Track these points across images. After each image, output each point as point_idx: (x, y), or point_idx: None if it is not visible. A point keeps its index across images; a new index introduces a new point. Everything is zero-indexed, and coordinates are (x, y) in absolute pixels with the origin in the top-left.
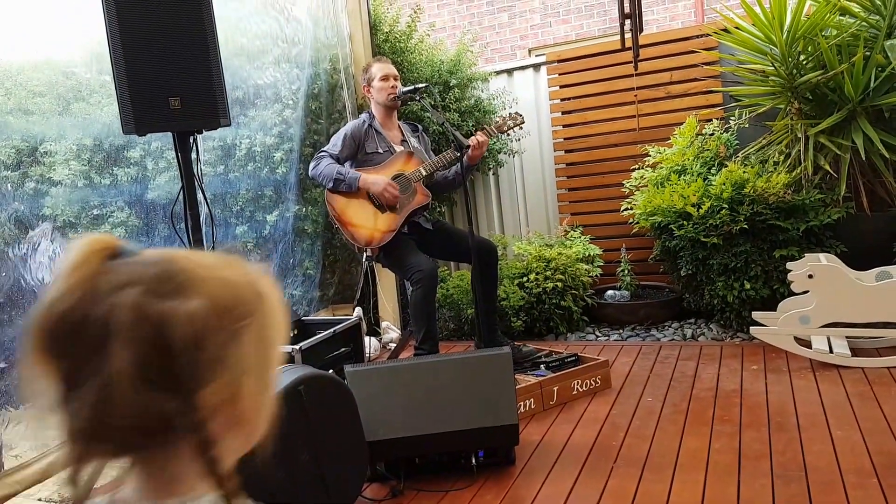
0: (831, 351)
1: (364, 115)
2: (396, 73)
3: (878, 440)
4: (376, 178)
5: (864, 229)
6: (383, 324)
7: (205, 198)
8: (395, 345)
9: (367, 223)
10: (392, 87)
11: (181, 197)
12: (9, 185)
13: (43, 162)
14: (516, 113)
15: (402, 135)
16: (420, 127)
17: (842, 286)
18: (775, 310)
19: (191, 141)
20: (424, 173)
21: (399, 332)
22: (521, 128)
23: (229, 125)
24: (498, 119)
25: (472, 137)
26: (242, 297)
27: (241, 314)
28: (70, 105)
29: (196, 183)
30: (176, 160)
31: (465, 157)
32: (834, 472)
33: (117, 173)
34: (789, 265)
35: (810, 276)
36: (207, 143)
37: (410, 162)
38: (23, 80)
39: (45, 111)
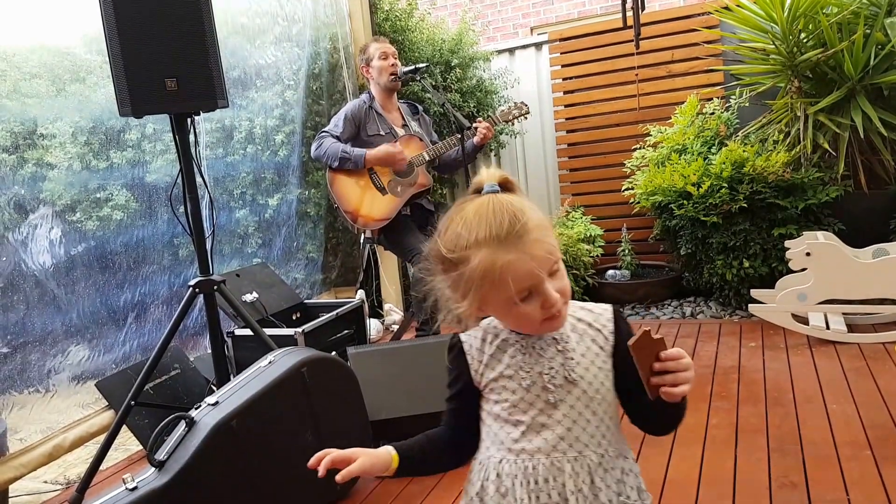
0: (828, 327)
1: (364, 96)
2: (395, 52)
3: (873, 414)
4: (382, 149)
5: (861, 207)
6: (386, 306)
7: (204, 181)
8: (397, 327)
9: (367, 205)
10: (392, 65)
11: (180, 180)
12: (7, 168)
13: (40, 145)
14: (522, 102)
15: (403, 117)
16: (420, 108)
17: (839, 263)
18: (774, 287)
19: (188, 123)
20: (427, 158)
21: (402, 314)
22: (526, 118)
23: (227, 106)
24: (504, 108)
25: (476, 122)
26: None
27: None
28: (66, 87)
29: (195, 166)
30: (174, 143)
31: (465, 138)
32: (829, 446)
33: (116, 156)
34: (787, 243)
35: (808, 254)
36: (206, 125)
37: (413, 146)
38: (18, 62)
39: (41, 94)
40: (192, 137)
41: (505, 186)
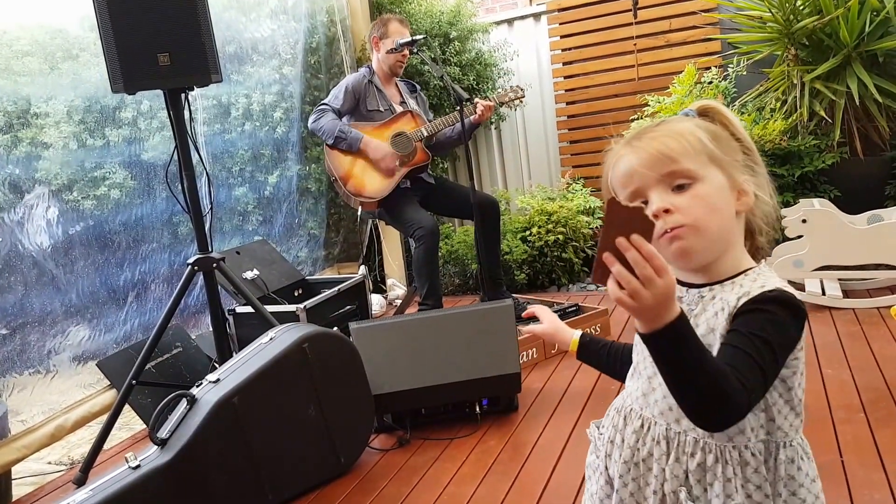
0: (824, 293)
1: (364, 70)
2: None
3: (867, 377)
4: (378, 145)
5: (857, 174)
6: (389, 281)
7: (201, 158)
8: (400, 301)
9: (363, 178)
10: (403, 55)
11: (176, 157)
12: (1, 148)
13: (34, 124)
14: (517, 86)
15: (401, 94)
16: (418, 87)
17: (834, 230)
18: (770, 255)
19: (183, 98)
20: (426, 134)
21: (404, 288)
22: (521, 101)
23: (221, 81)
24: (500, 91)
25: (477, 100)
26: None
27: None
28: (59, 64)
29: (191, 142)
30: (168, 119)
31: (464, 111)
32: (824, 409)
33: (112, 134)
34: (784, 211)
35: (804, 221)
36: (203, 101)
37: (412, 121)
38: (8, 40)
39: (33, 72)
40: (187, 114)
41: (707, 115)
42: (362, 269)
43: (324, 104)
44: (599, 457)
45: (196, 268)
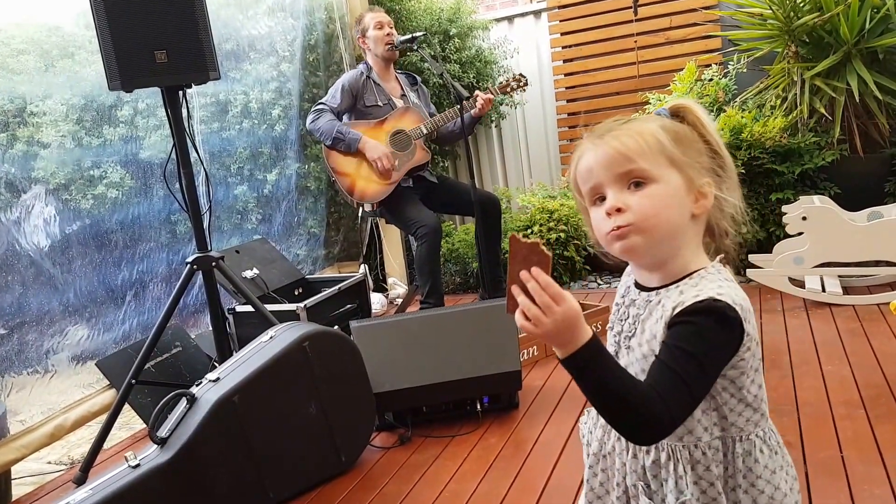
0: (824, 290)
1: (361, 66)
2: (391, 21)
3: (867, 374)
4: (376, 146)
5: (857, 171)
6: (390, 280)
7: (199, 156)
8: (401, 300)
9: (364, 178)
10: (388, 34)
11: (174, 156)
12: None
13: (31, 123)
14: (520, 74)
15: (401, 87)
16: (418, 79)
17: (834, 227)
18: (771, 252)
19: (180, 96)
20: (425, 132)
21: (405, 287)
22: (524, 90)
23: (219, 78)
24: (502, 80)
25: (476, 93)
26: None
27: None
28: (56, 63)
29: (189, 141)
30: (166, 117)
31: (464, 109)
32: (824, 405)
33: (109, 132)
34: (784, 208)
35: (804, 218)
36: (200, 99)
37: (411, 118)
38: (4, 38)
39: (29, 70)
40: (184, 111)
41: (678, 115)
42: (363, 268)
43: (321, 104)
44: (584, 446)
45: (195, 267)
